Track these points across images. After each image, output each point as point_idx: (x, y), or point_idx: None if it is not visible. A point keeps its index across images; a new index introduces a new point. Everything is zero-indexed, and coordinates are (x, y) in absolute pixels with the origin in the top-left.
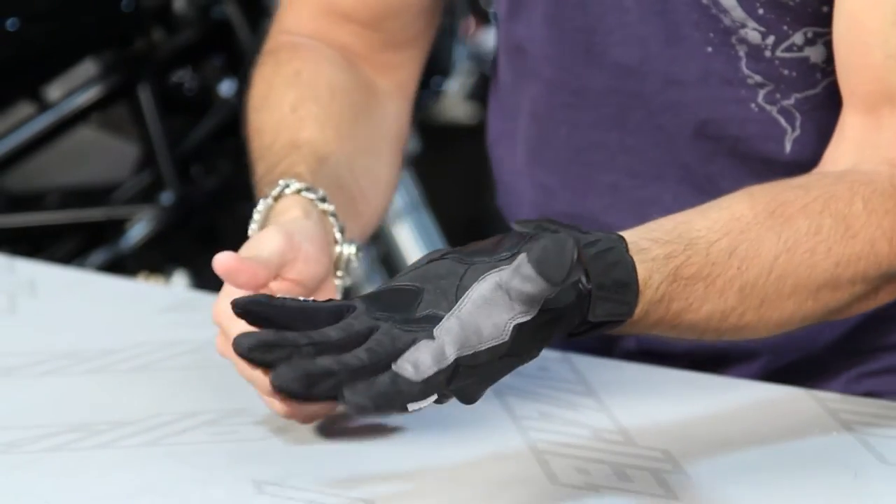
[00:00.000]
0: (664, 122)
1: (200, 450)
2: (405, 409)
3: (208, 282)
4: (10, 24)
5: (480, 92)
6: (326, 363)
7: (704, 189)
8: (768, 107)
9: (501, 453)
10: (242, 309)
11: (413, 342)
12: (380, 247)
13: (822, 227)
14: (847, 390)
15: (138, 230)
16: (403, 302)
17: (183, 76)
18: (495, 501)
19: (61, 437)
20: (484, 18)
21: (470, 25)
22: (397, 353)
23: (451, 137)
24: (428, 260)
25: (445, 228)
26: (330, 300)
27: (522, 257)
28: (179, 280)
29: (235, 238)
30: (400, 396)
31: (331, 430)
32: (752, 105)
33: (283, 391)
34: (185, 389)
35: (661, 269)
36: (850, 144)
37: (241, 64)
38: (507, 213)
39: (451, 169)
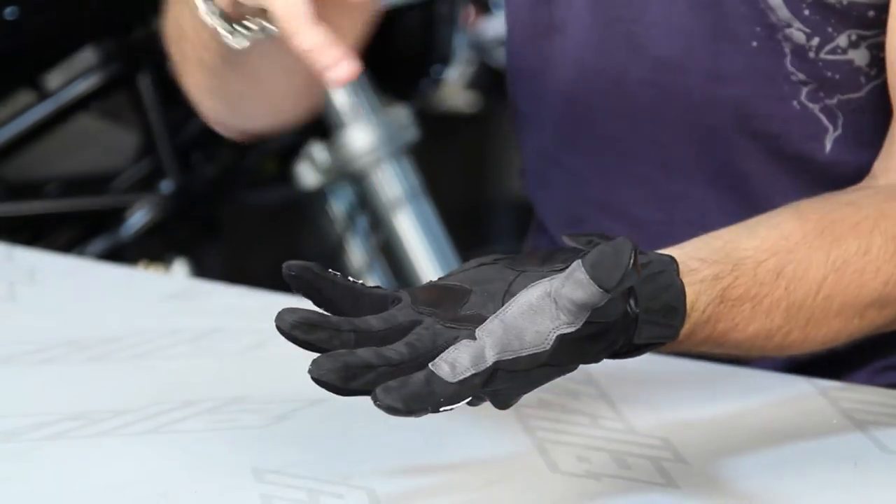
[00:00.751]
0: (703, 117)
1: (200, 438)
2: (436, 410)
3: (208, 270)
4: (9, 12)
5: (480, 81)
6: (366, 356)
7: (737, 187)
8: (811, 105)
9: (501, 441)
10: (296, 272)
11: (454, 340)
12: (379, 235)
13: (871, 247)
14: (871, 382)
15: (138, 218)
16: (449, 300)
17: None
18: (495, 489)
19: (61, 426)
20: (484, 7)
21: (470, 14)
22: (437, 351)
23: (451, 126)
24: (478, 263)
25: (445, 217)
26: (377, 287)
27: (577, 263)
28: (179, 268)
29: (236, 226)
30: (433, 398)
31: (331, 418)
32: (795, 102)
33: (320, 383)
34: (185, 378)
35: (708, 291)
36: None
37: None
38: (534, 199)
39: (450, 157)
